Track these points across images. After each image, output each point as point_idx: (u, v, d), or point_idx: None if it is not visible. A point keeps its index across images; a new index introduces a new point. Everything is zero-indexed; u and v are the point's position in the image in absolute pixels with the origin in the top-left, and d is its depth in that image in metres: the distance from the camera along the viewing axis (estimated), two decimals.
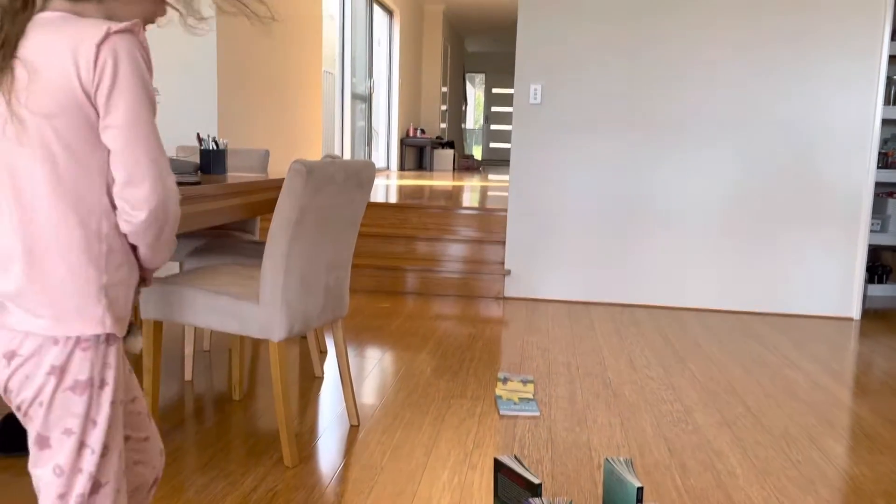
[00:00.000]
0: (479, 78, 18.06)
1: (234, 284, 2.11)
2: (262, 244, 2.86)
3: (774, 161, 4.17)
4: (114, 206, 0.96)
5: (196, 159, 3.05)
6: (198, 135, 2.77)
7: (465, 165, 12.73)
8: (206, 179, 2.37)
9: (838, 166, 4.12)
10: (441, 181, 8.45)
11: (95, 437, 0.99)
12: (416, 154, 11.76)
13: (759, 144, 4.17)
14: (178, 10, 1.05)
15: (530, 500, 1.48)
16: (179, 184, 1.90)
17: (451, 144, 12.45)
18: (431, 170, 11.57)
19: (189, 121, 4.26)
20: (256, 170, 3.23)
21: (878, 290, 4.90)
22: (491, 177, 10.14)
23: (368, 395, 2.65)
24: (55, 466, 0.98)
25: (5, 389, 0.96)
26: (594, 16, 4.21)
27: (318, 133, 6.63)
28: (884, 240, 4.87)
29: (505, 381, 2.80)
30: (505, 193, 6.02)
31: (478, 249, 4.69)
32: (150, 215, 0.96)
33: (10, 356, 0.93)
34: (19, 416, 0.99)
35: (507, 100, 16.56)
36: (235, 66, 4.56)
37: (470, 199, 5.99)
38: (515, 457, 1.64)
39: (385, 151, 10.60)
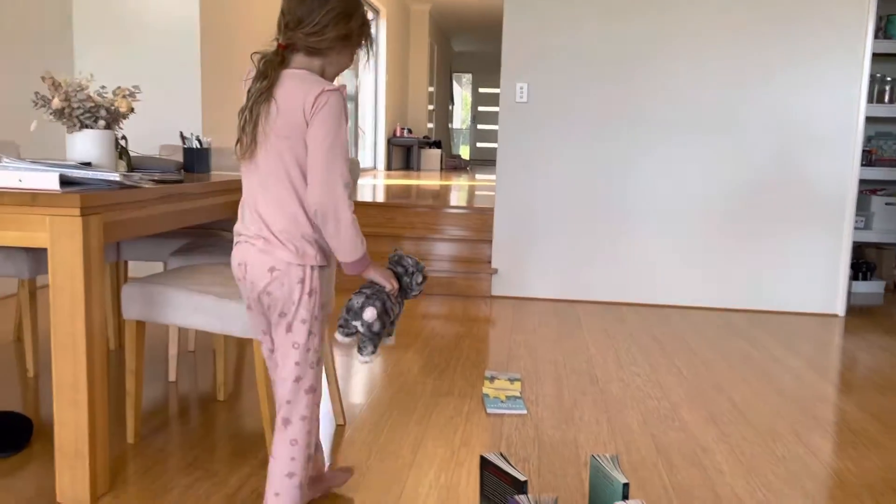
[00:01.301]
0: (466, 78, 18.05)
1: (218, 284, 2.09)
2: None
3: (759, 160, 4.19)
4: None
5: (179, 158, 3.03)
6: (181, 133, 2.74)
7: (453, 165, 12.71)
8: (190, 178, 2.35)
9: (823, 164, 4.15)
10: (428, 181, 8.44)
11: (317, 327, 1.52)
12: (403, 154, 11.73)
13: (744, 143, 4.19)
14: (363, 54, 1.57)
15: (516, 497, 1.47)
16: (161, 181, 1.88)
17: (438, 144, 12.43)
18: (418, 169, 11.55)
19: (172, 119, 4.23)
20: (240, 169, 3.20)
21: (862, 286, 4.94)
22: (478, 176, 10.13)
23: (355, 394, 2.64)
24: (293, 342, 1.49)
25: (267, 292, 1.48)
26: (580, 14, 4.21)
27: None
28: (868, 237, 4.91)
29: (492, 379, 2.79)
30: (492, 193, 6.02)
31: (465, 248, 4.68)
32: (318, 212, 1.44)
33: (272, 270, 1.46)
34: (270, 311, 1.50)
35: (494, 99, 16.56)
36: (219, 64, 4.53)
37: (457, 199, 5.98)
38: (502, 454, 1.63)
39: (372, 151, 10.56)
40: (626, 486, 1.50)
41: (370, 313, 1.47)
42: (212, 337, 3.26)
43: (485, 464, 1.60)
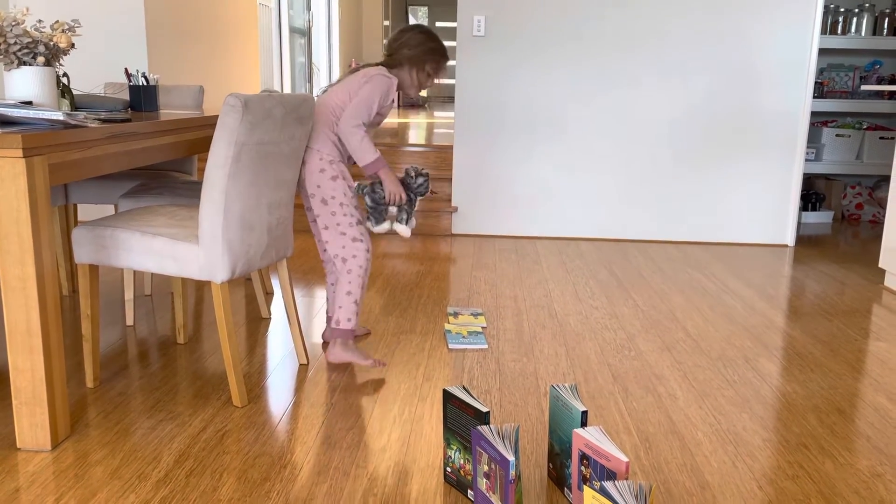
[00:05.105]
0: (423, 11, 17.60)
1: (172, 225, 2.04)
2: (200, 184, 2.77)
3: (713, 92, 4.21)
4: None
5: (125, 96, 2.92)
6: (126, 70, 2.63)
7: (410, 102, 12.52)
8: (137, 117, 2.27)
9: (775, 96, 4.19)
10: (386, 118, 8.31)
11: (347, 199, 2.26)
12: None
13: (698, 76, 4.20)
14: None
15: (479, 427, 1.50)
16: (108, 121, 1.82)
17: None
18: None
19: (116, 55, 4.05)
20: (191, 107, 3.11)
21: (811, 217, 5.08)
22: (436, 113, 10.01)
23: (317, 334, 2.64)
24: (330, 213, 2.24)
25: (314, 184, 2.25)
26: None
27: (256, 69, 6.41)
28: (817, 168, 5.02)
29: (455, 315, 2.82)
30: (450, 130, 5.97)
31: None
32: (340, 126, 2.24)
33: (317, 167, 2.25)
34: (313, 200, 2.26)
35: (451, 34, 16.22)
36: None
37: (416, 137, 5.91)
38: (464, 387, 1.66)
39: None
40: (584, 413, 1.54)
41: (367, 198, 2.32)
42: (169, 280, 3.22)
43: (447, 397, 1.63)
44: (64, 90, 2.18)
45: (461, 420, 1.60)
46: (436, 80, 2.39)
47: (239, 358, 1.97)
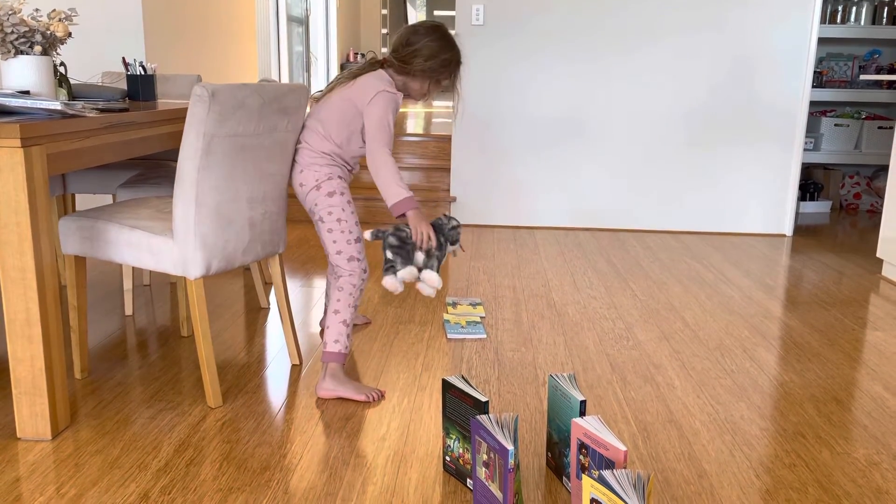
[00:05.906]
0: (421, 0, 17.53)
1: (153, 218, 1.99)
2: None
3: (712, 82, 4.20)
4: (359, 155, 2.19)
5: (123, 85, 2.91)
6: (123, 59, 2.62)
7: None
8: (135, 106, 2.26)
9: (774, 86, 4.19)
10: None
11: (345, 215, 2.10)
12: None
13: (697, 66, 4.19)
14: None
15: (478, 417, 1.51)
16: (105, 110, 1.82)
17: None
18: None
19: (114, 45, 4.03)
20: (188, 97, 3.09)
21: (809, 206, 5.08)
22: (435, 103, 9.98)
23: (316, 324, 2.65)
24: (327, 230, 2.09)
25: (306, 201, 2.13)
26: None
27: (254, 58, 6.38)
28: (816, 158, 5.02)
29: (454, 304, 2.82)
30: (449, 120, 5.96)
31: (423, 177, 4.65)
32: (367, 160, 2.09)
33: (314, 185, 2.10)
34: (312, 216, 2.14)
35: (450, 23, 16.14)
36: None
37: (414, 126, 5.90)
38: (463, 377, 1.66)
39: (325, 77, 10.28)
40: (583, 402, 1.55)
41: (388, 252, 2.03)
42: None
43: (447, 386, 1.64)
44: (61, 79, 2.17)
45: (460, 409, 1.60)
46: (459, 93, 2.26)
47: (212, 358, 1.93)
